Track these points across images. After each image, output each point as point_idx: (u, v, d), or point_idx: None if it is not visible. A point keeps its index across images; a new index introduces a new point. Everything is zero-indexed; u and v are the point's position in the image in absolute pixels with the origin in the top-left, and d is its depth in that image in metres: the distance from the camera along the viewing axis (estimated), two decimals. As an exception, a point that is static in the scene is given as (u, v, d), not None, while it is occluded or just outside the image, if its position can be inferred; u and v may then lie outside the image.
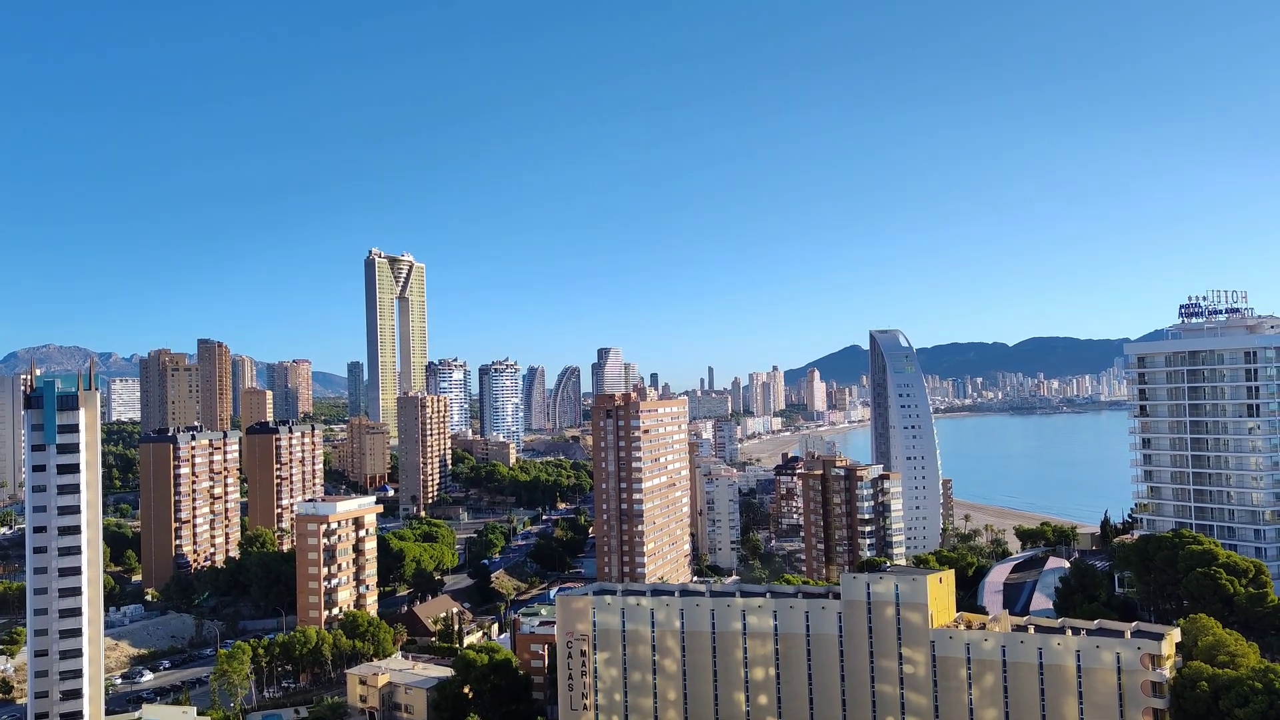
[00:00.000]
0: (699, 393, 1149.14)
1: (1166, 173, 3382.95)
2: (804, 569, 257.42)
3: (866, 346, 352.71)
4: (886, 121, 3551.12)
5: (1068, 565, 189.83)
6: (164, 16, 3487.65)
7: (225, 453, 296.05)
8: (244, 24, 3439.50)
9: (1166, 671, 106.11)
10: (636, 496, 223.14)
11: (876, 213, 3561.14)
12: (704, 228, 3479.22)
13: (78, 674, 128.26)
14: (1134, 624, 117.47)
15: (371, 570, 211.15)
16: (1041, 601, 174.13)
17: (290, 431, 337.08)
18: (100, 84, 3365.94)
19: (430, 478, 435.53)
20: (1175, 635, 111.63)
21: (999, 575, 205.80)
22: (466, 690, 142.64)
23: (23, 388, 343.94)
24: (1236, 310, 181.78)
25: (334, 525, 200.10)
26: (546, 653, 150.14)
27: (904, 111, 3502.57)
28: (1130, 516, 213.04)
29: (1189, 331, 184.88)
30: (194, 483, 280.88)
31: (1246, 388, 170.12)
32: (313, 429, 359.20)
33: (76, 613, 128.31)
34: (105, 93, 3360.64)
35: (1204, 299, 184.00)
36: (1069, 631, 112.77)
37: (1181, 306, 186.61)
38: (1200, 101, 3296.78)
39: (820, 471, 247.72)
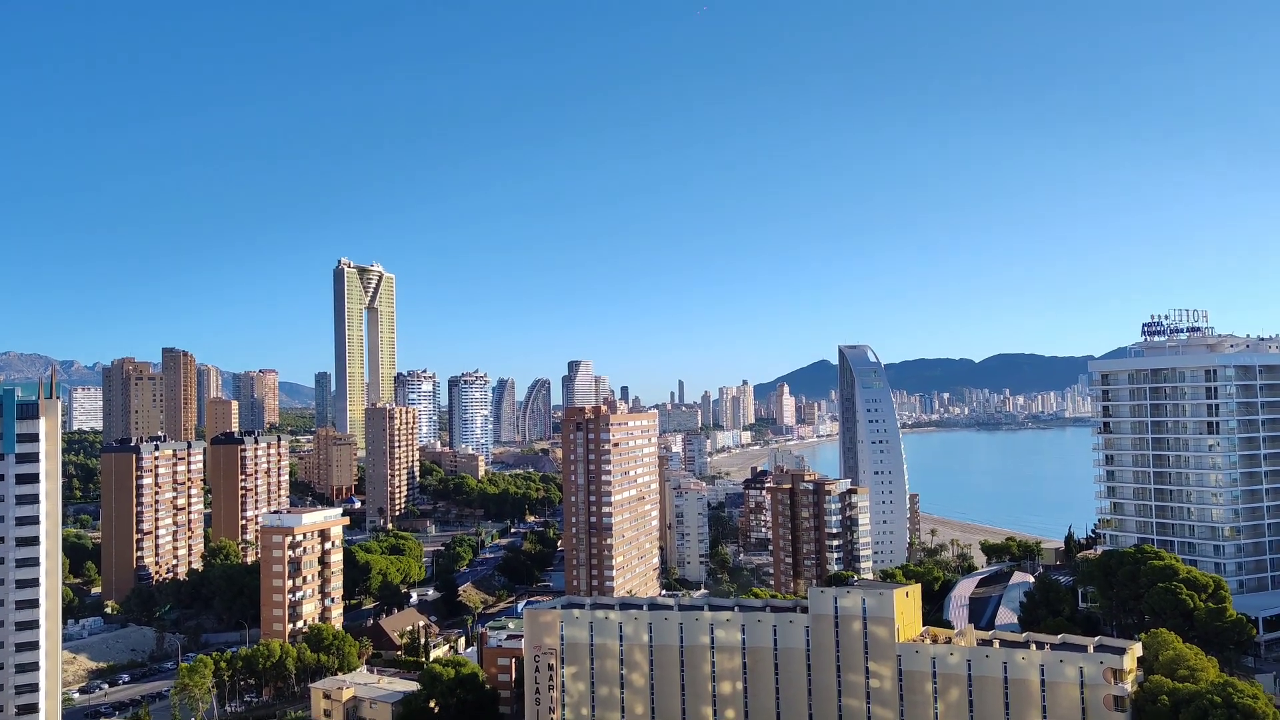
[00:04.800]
0: (669, 406, 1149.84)
1: (1129, 193, 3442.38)
2: (772, 583, 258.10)
3: (835, 362, 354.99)
4: (855, 140, 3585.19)
5: (1032, 580, 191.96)
6: (132, 26, 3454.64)
7: (189, 463, 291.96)
8: (212, 34, 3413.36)
9: (1128, 685, 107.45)
10: (606, 510, 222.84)
11: (846, 229, 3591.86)
12: (675, 242, 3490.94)
13: (34, 688, 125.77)
14: (1097, 638, 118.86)
15: (337, 583, 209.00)
16: (1006, 616, 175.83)
17: (256, 442, 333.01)
18: (62, 91, 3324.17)
19: (398, 490, 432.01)
20: (1137, 649, 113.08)
21: (965, 589, 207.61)
22: (432, 704, 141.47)
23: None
24: (1197, 329, 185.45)
25: (299, 537, 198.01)
26: (514, 666, 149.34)
27: (872, 131, 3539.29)
28: (1094, 532, 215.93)
29: (1151, 350, 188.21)
30: (157, 493, 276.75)
31: (1207, 405, 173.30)
32: (279, 440, 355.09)
33: (34, 625, 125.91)
34: (68, 100, 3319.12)
35: (1166, 318, 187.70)
36: (1033, 646, 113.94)
37: (1144, 325, 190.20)
38: (1163, 122, 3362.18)
39: (789, 485, 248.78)
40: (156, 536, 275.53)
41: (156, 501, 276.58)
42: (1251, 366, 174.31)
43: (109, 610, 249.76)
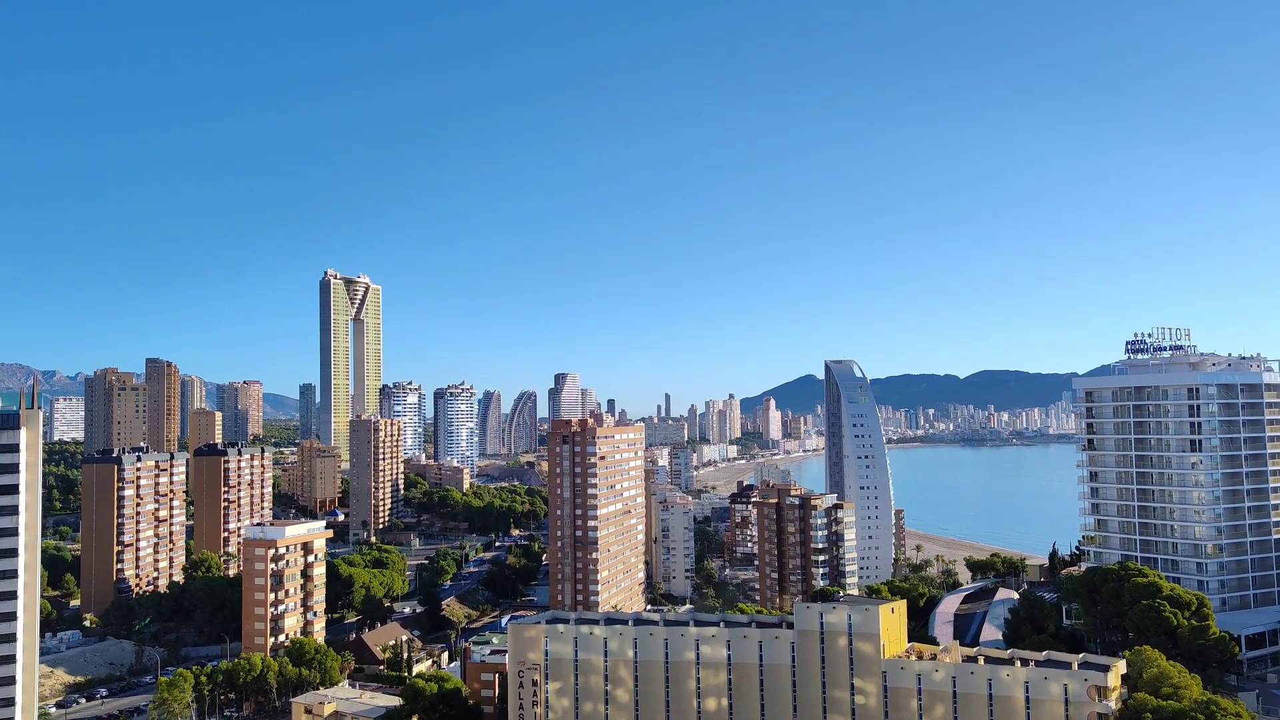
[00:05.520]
0: (656, 419, 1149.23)
1: (1114, 210, 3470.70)
2: (758, 598, 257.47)
3: (822, 376, 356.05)
4: (842, 157, 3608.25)
5: (1017, 596, 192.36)
6: (118, 41, 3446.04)
7: (172, 475, 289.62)
8: (197, 47, 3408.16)
9: (1112, 703, 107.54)
10: (591, 523, 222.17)
11: (832, 245, 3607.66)
12: (662, 255, 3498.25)
13: (10, 703, 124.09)
14: (1081, 655, 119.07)
15: (320, 596, 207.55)
16: (991, 632, 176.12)
17: (239, 454, 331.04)
18: (47, 104, 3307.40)
19: (382, 503, 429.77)
20: (1121, 667, 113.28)
21: (950, 606, 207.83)
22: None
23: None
24: (1180, 348, 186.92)
25: (282, 550, 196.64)
26: (497, 682, 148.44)
27: (859, 147, 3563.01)
28: (1078, 548, 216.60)
29: (1135, 367, 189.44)
30: (138, 505, 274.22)
31: (1189, 423, 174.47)
32: (262, 451, 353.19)
33: (10, 639, 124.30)
34: (53, 112, 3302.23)
35: (1149, 336, 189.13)
36: (1018, 663, 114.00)
37: (1128, 343, 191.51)
38: (1151, 139, 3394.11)
39: (775, 500, 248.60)
40: (137, 549, 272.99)
41: (138, 513, 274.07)
42: (1234, 385, 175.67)
43: (88, 623, 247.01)
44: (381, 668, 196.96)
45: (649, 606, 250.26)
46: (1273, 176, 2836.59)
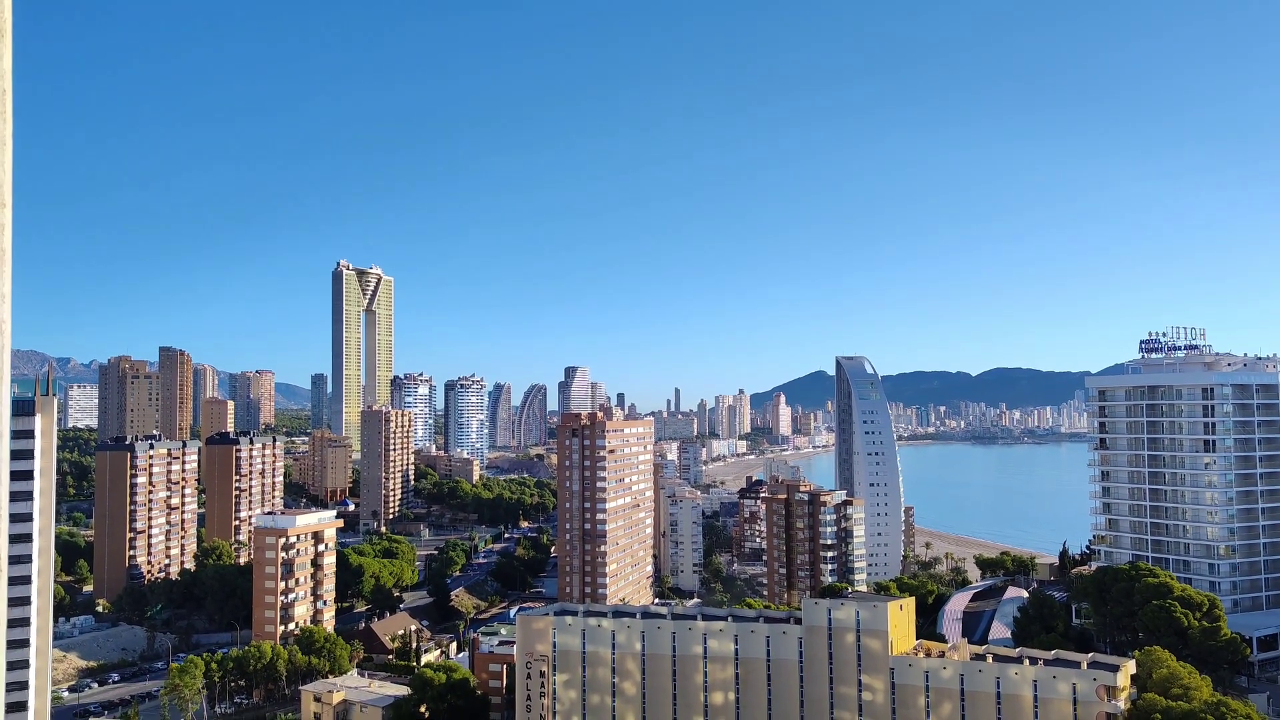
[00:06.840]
0: (665, 414, 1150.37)
1: (1129, 208, 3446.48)
2: (766, 593, 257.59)
3: (832, 372, 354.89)
4: (856, 153, 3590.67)
5: (1026, 595, 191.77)
6: (132, 29, 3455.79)
7: (184, 463, 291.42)
8: (212, 36, 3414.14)
9: (1121, 703, 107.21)
10: (600, 517, 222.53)
11: (845, 241, 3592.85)
12: (674, 250, 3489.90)
13: (24, 686, 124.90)
14: (1090, 655, 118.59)
15: (330, 585, 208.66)
16: (1000, 631, 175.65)
17: (251, 443, 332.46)
18: (63, 92, 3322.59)
19: (392, 493, 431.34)
20: (1130, 667, 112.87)
21: (958, 604, 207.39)
22: (423, 709, 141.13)
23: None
24: (1195, 347, 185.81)
25: (293, 539, 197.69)
26: (505, 673, 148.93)
27: (873, 143, 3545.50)
28: (1088, 548, 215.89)
29: (1149, 367, 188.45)
30: (151, 492, 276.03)
31: (1203, 423, 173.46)
32: (274, 441, 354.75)
33: (24, 623, 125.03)
34: (69, 101, 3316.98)
35: (1164, 335, 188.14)
36: (1026, 661, 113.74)
37: (1142, 342, 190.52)
38: (1165, 137, 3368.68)
39: (784, 495, 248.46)
40: (149, 536, 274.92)
41: (150, 500, 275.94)
42: (1249, 385, 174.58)
43: (100, 609, 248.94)
44: (390, 657, 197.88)
45: (656, 600, 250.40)
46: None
